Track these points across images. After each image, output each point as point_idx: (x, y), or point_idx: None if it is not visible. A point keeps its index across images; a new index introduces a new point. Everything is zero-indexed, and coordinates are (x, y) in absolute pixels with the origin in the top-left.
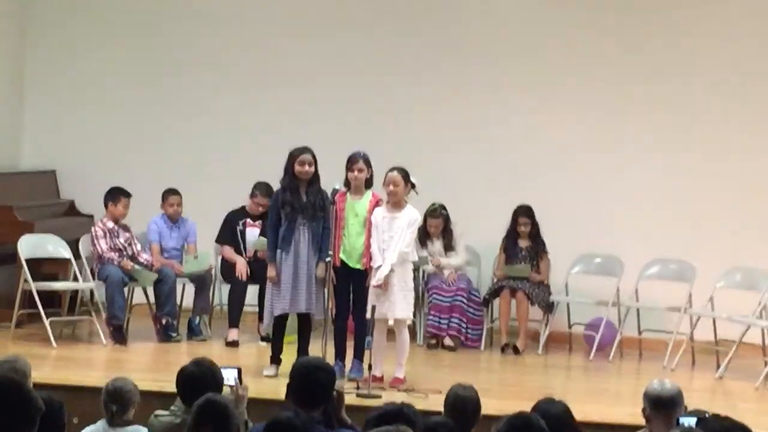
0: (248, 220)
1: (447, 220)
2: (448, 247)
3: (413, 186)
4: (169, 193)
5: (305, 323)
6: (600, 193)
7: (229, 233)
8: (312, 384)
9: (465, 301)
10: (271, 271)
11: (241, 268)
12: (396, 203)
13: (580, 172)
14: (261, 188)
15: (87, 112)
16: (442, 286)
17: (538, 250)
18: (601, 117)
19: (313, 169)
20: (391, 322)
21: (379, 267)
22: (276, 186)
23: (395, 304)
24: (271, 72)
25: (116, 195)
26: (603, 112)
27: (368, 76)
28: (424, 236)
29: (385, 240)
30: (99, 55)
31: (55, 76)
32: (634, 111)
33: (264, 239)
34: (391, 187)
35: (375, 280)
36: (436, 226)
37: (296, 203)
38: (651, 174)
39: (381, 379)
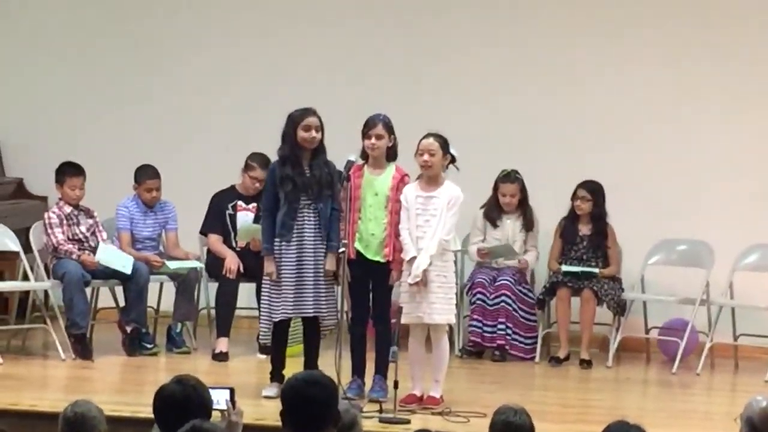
0: (239, 202)
1: (524, 188)
2: (529, 226)
3: (453, 159)
4: (147, 174)
5: (312, 330)
6: (681, 166)
7: (217, 220)
8: (306, 405)
9: (511, 300)
10: (269, 266)
11: (230, 263)
12: (432, 178)
13: (655, 142)
14: (257, 159)
15: (38, 71)
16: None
17: (602, 239)
18: (679, 74)
19: (320, 135)
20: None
21: (413, 259)
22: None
23: (434, 306)
24: (264, 18)
25: (62, 174)
26: (681, 69)
27: (389, 18)
28: (494, 211)
29: (419, 225)
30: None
31: None
32: (721, 65)
33: (254, 226)
34: (426, 157)
35: (411, 276)
36: (513, 195)
37: (298, 179)
38: (746, 141)
39: (421, 399)
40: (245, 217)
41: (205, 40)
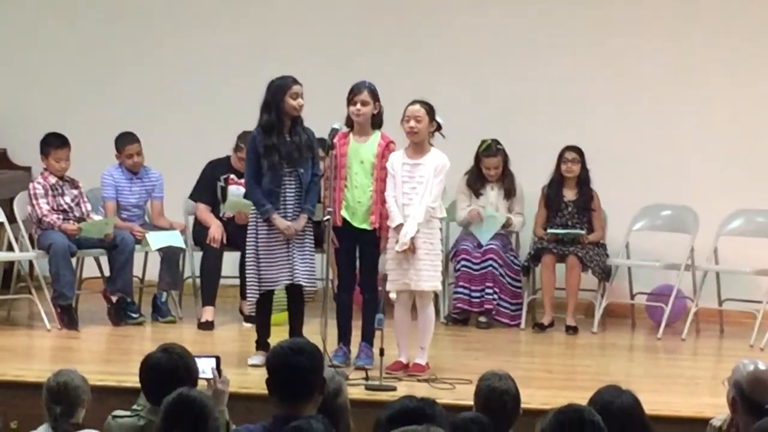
0: (232, 175)
1: (506, 158)
2: (510, 193)
3: (439, 127)
4: (126, 140)
5: (296, 298)
6: (666, 132)
7: (208, 189)
8: (291, 373)
9: (498, 265)
10: (281, 223)
11: (214, 232)
12: (418, 145)
13: (639, 109)
14: (246, 139)
15: (22, 42)
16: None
17: (588, 202)
18: (665, 42)
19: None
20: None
21: (399, 227)
22: None
23: (421, 273)
24: None
25: (47, 146)
26: (667, 37)
27: None
28: (477, 182)
29: (405, 192)
30: None
31: None
32: (708, 27)
33: (242, 201)
34: (413, 123)
35: (399, 244)
36: (496, 167)
37: (282, 147)
38: (733, 107)
39: (407, 366)
40: (237, 190)
41: (191, 16)
